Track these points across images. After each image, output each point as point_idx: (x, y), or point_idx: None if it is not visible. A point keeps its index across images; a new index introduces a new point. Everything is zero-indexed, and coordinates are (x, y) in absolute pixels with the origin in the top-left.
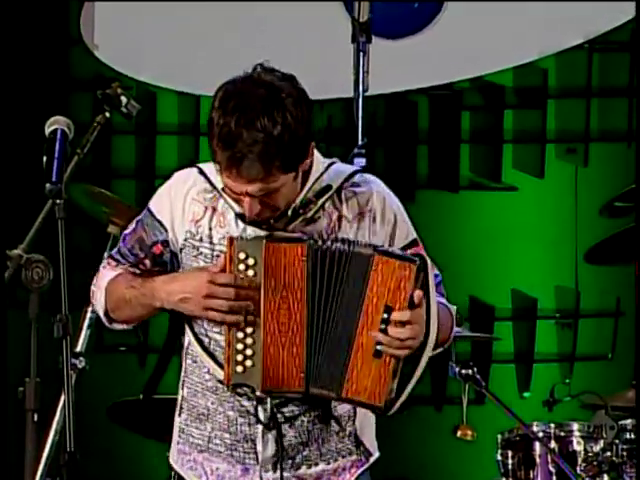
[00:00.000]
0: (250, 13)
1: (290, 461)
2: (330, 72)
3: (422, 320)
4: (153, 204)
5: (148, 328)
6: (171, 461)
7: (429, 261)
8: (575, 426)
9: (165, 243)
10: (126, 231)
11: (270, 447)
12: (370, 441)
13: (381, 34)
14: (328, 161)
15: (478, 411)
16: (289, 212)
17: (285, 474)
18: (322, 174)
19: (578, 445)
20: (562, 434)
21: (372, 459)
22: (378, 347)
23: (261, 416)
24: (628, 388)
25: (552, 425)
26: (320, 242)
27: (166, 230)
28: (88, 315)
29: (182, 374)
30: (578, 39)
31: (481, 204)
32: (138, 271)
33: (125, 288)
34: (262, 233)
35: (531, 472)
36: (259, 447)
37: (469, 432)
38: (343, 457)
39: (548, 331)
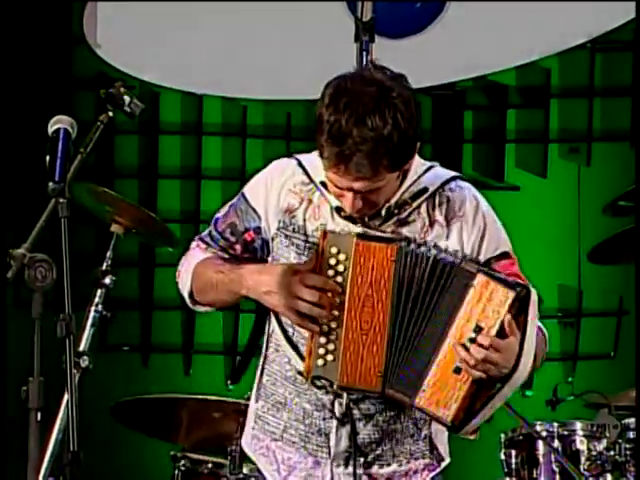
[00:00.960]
0: (253, 12)
1: (362, 459)
2: (333, 71)
3: (512, 351)
4: (248, 191)
5: (151, 327)
6: (244, 445)
7: (534, 292)
8: (578, 425)
9: (257, 230)
10: (218, 214)
11: (343, 442)
12: (444, 446)
13: (384, 34)
14: (428, 164)
15: None
16: (383, 211)
17: (357, 471)
18: (420, 176)
19: (581, 444)
20: (565, 433)
21: (443, 464)
22: (458, 363)
23: (337, 411)
24: (631, 387)
25: (555, 424)
26: (414, 246)
27: (260, 218)
28: (91, 314)
29: (262, 361)
30: (581, 39)
31: None
32: (227, 255)
33: (214, 272)
34: (356, 230)
35: (534, 471)
36: (332, 442)
37: None
38: (416, 459)
39: (551, 330)
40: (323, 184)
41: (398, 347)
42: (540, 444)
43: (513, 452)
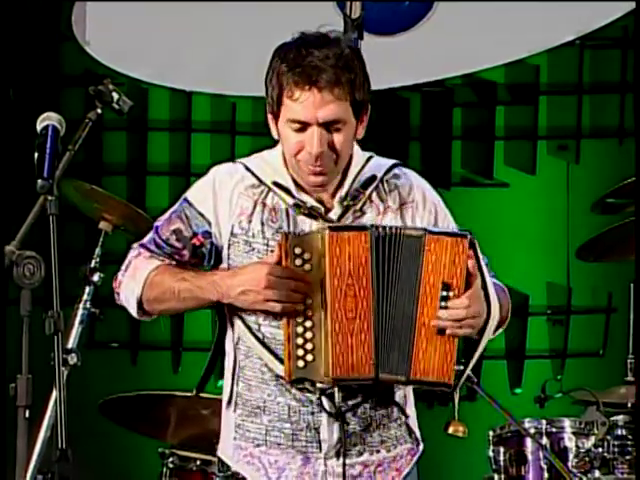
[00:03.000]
0: (241, 10)
1: (353, 448)
2: None
3: (480, 297)
4: (192, 196)
5: (139, 324)
6: (223, 457)
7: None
8: (567, 422)
9: (206, 235)
10: (157, 223)
11: (335, 435)
12: (417, 430)
13: (372, 31)
14: (367, 154)
15: (470, 407)
16: (335, 202)
17: (349, 461)
18: (363, 167)
19: (570, 441)
20: (554, 430)
21: (421, 448)
22: (440, 325)
23: (326, 405)
24: (619, 384)
25: (544, 421)
26: (381, 229)
27: (209, 222)
28: (80, 311)
29: (233, 369)
30: (570, 36)
31: (473, 201)
32: (174, 262)
33: (175, 281)
34: (315, 226)
35: (523, 468)
36: (323, 435)
37: (461, 428)
38: (401, 444)
39: (540, 327)
40: (276, 184)
41: (384, 330)
42: (528, 441)
43: (501, 449)
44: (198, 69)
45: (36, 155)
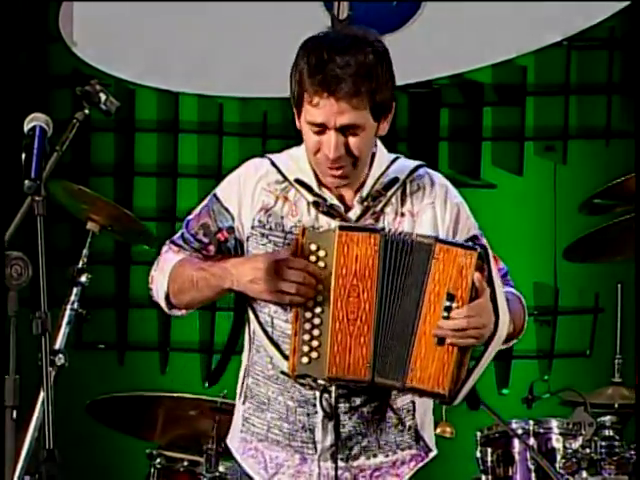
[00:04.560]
0: (229, 11)
1: (348, 451)
2: None
3: (488, 309)
4: (220, 191)
5: (127, 325)
6: (232, 449)
7: (488, 248)
8: (554, 423)
9: (230, 230)
10: (189, 217)
11: (329, 436)
12: (430, 437)
13: None
14: (393, 156)
15: (457, 408)
16: (356, 202)
17: (343, 464)
18: (388, 167)
19: (557, 442)
20: (541, 431)
21: (431, 455)
22: (440, 334)
23: (324, 405)
24: (607, 385)
25: (531, 422)
26: (391, 233)
27: (232, 217)
28: (67, 312)
29: (246, 363)
30: (557, 37)
31: None
32: (201, 257)
33: (194, 270)
34: (334, 225)
35: (510, 469)
36: (318, 436)
37: (448, 429)
38: (402, 450)
39: (527, 328)
40: (298, 181)
41: (384, 334)
42: (516, 442)
43: (489, 450)
44: (185, 70)
45: (23, 156)
